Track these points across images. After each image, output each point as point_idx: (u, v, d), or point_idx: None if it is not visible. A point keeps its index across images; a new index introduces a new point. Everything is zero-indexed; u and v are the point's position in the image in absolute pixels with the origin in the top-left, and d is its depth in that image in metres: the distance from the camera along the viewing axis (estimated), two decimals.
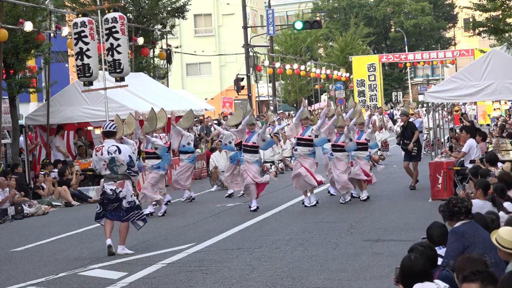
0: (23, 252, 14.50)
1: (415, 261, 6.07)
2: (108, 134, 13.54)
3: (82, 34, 22.22)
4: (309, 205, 18.21)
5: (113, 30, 22.25)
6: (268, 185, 24.30)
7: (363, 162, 19.06)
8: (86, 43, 22.24)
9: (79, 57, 22.33)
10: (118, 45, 22.26)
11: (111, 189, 13.31)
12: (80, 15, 22.51)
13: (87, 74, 22.39)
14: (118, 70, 22.38)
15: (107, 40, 22.38)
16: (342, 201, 18.55)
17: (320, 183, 18.70)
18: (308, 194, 18.50)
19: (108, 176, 13.34)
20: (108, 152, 13.21)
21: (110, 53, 22.40)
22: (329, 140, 19.00)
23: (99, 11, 22.50)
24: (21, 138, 25.61)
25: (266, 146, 19.62)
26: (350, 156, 18.91)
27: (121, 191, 13.28)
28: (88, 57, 22.28)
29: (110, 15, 22.30)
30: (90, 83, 22.80)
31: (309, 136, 18.50)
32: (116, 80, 22.82)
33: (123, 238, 13.38)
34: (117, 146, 13.34)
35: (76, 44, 22.39)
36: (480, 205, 10.06)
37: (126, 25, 23.04)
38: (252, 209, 18.07)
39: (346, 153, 18.67)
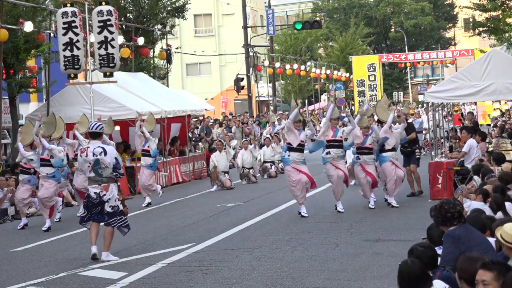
0: (23, 252, 14.50)
1: (413, 265, 6.04)
2: (94, 135, 13.07)
3: (73, 24, 21.78)
4: (342, 211, 17.15)
5: (108, 23, 21.85)
6: (268, 185, 24.44)
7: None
8: (76, 34, 21.84)
9: (68, 48, 21.82)
10: (112, 39, 21.90)
11: (95, 192, 12.82)
12: (68, 5, 22.05)
13: (76, 66, 22.05)
14: (111, 65, 21.98)
15: (100, 33, 21.92)
16: (372, 205, 17.62)
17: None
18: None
19: (93, 178, 12.87)
20: (93, 154, 12.75)
21: (103, 47, 21.95)
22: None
23: (86, 4, 22.24)
24: None
25: (315, 147, 17.54)
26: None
27: (105, 194, 12.78)
28: (78, 48, 21.89)
29: (104, 8, 21.87)
30: (75, 76, 22.54)
31: (340, 137, 17.41)
32: (105, 75, 22.49)
33: (107, 244, 12.85)
34: (102, 148, 12.86)
35: (65, 34, 21.80)
36: (479, 205, 10.05)
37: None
38: (305, 215, 16.65)
39: (373, 155, 17.90)
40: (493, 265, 5.36)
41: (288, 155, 16.95)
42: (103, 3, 22.08)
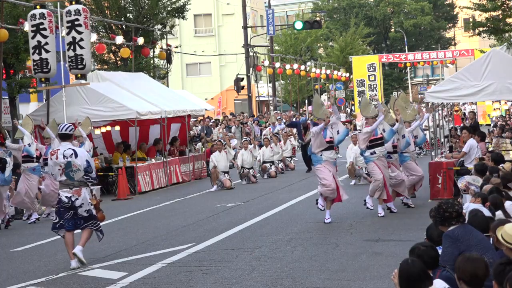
0: (23, 252, 14.50)
1: (413, 264, 6.04)
2: (64, 137, 12.54)
3: (41, 26, 21.39)
4: (381, 215, 16.30)
5: (76, 23, 21.42)
6: (268, 185, 24.43)
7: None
8: (45, 36, 21.43)
9: (37, 51, 21.47)
10: (81, 39, 21.43)
11: (66, 197, 12.31)
12: (38, 7, 21.68)
13: (45, 70, 21.65)
14: (80, 66, 21.57)
15: (68, 33, 21.50)
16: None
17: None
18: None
19: (64, 182, 12.34)
20: (64, 156, 12.23)
21: (71, 48, 21.51)
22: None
23: (58, 4, 21.95)
24: None
25: (342, 137, 16.61)
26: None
27: (77, 199, 12.30)
28: (47, 51, 21.49)
29: (72, 7, 21.45)
30: (47, 80, 22.23)
31: (381, 134, 16.56)
32: (77, 78, 22.17)
33: (83, 239, 12.44)
34: (73, 150, 12.36)
35: (33, 38, 21.40)
36: (477, 206, 10.04)
37: (89, 19, 22.32)
38: (327, 221, 15.77)
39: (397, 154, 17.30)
40: None
41: (320, 154, 16.07)
42: (73, 2, 21.66)
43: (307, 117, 33.14)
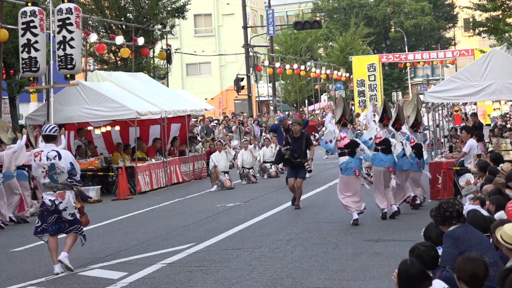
0: (23, 252, 14.50)
1: (412, 265, 6.04)
2: (48, 138, 12.15)
3: (31, 24, 20.96)
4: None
5: (67, 22, 21.05)
6: (268, 185, 24.44)
7: None
8: (35, 35, 21.01)
9: (26, 49, 21.02)
10: (72, 39, 21.04)
11: (50, 200, 11.96)
12: (29, 4, 21.32)
13: (33, 69, 21.27)
14: (69, 66, 21.20)
15: (59, 32, 21.07)
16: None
17: None
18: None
19: (47, 185, 12.00)
20: (47, 158, 11.93)
21: (61, 47, 21.15)
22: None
23: (51, 2, 21.69)
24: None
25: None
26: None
27: (61, 202, 11.96)
28: (36, 50, 21.14)
29: (64, 5, 21.08)
30: (35, 79, 21.96)
31: (380, 136, 16.23)
32: (66, 78, 21.90)
33: (68, 245, 12.09)
34: (57, 152, 12.02)
35: (23, 35, 21.07)
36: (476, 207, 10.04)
37: (81, 18, 22.04)
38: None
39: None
40: None
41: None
42: (66, 0, 21.39)
43: (284, 116, 31.19)
